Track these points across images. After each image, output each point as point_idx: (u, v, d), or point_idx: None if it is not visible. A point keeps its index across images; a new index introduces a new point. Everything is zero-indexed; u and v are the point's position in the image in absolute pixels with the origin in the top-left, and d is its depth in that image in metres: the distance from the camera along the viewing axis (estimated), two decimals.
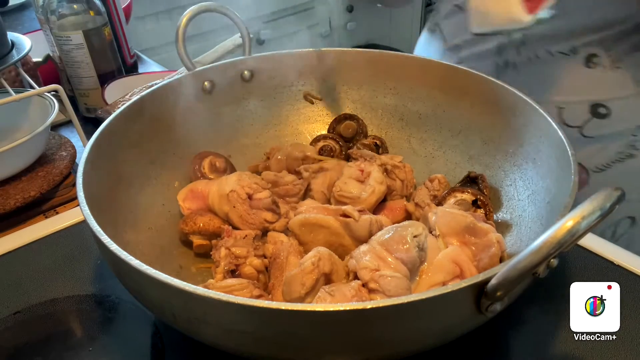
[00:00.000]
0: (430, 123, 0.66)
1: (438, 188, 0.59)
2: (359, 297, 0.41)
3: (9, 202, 0.64)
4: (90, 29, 0.83)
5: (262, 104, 0.70)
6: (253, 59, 0.67)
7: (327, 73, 0.70)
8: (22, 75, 0.78)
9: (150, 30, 2.05)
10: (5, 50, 0.68)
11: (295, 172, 0.63)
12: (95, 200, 0.45)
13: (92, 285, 0.55)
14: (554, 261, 0.33)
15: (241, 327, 0.35)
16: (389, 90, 0.68)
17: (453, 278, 0.45)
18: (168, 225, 0.58)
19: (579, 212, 0.31)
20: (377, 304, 0.32)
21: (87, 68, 0.85)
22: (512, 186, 0.56)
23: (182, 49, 0.63)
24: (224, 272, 0.50)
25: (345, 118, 0.69)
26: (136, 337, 0.50)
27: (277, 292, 0.48)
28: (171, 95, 0.62)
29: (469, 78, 0.61)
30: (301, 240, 0.52)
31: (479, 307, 0.35)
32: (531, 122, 0.54)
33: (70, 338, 0.51)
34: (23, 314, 0.52)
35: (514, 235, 0.52)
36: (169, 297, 0.36)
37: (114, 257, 0.37)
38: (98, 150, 0.50)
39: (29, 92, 0.68)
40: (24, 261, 0.60)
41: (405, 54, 0.66)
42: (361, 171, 0.59)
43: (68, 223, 0.64)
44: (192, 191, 0.59)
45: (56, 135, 0.77)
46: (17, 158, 0.66)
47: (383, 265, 0.43)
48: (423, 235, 0.46)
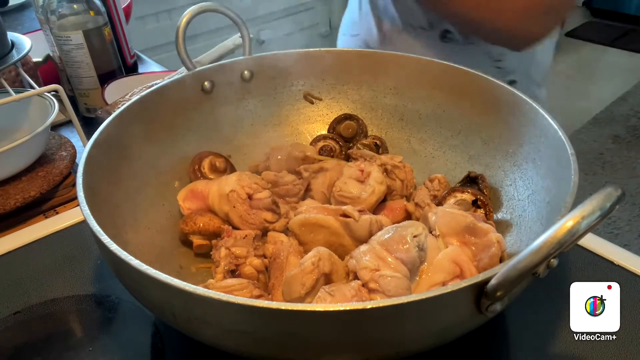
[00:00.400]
0: (430, 123, 0.66)
1: (438, 188, 0.59)
2: (359, 297, 0.41)
3: (9, 202, 0.64)
4: (90, 29, 0.83)
5: (262, 104, 0.70)
6: (253, 59, 0.67)
7: (327, 73, 0.70)
8: (22, 75, 0.78)
9: (150, 30, 2.05)
10: (5, 50, 0.68)
11: (295, 172, 0.63)
12: (95, 200, 0.45)
13: (92, 285, 0.55)
14: (554, 261, 0.33)
15: (241, 327, 0.35)
16: (389, 90, 0.68)
17: (453, 278, 0.45)
18: (168, 225, 0.58)
19: (579, 212, 0.31)
20: (377, 304, 0.32)
21: (87, 68, 0.85)
22: (512, 186, 0.56)
23: (182, 49, 0.63)
24: (224, 272, 0.50)
25: (345, 118, 0.69)
26: (136, 337, 0.50)
27: (277, 292, 0.48)
28: (171, 95, 0.62)
29: (469, 78, 0.61)
30: (301, 240, 0.52)
31: (479, 307, 0.35)
32: (531, 122, 0.54)
33: (70, 338, 0.51)
34: (23, 314, 0.52)
35: (514, 235, 0.52)
36: (169, 297, 0.36)
37: (114, 257, 0.37)
38: (98, 150, 0.50)
39: (29, 92, 0.68)
40: (24, 261, 0.60)
41: (405, 54, 0.66)
42: (361, 171, 0.59)
43: (68, 223, 0.64)
44: (192, 191, 0.59)
45: (56, 135, 0.77)
46: (17, 158, 0.66)
47: (383, 265, 0.43)
48: (423, 235, 0.46)
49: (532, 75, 0.83)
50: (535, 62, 0.83)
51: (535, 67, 0.83)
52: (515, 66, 0.80)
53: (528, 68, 0.82)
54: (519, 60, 0.80)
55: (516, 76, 0.81)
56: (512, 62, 0.80)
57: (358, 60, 0.68)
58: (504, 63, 0.80)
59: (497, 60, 0.79)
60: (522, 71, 0.81)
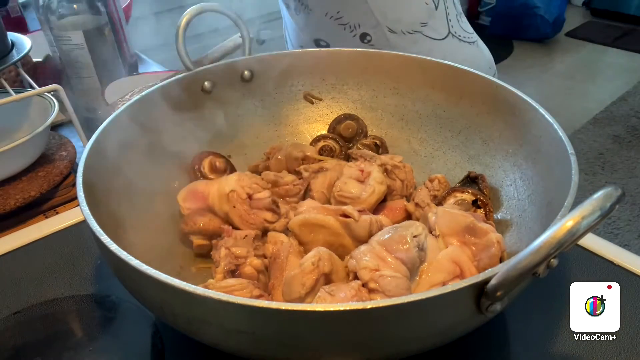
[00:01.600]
0: (430, 123, 0.66)
1: (438, 188, 0.59)
2: (359, 297, 0.41)
3: (9, 202, 0.64)
4: (90, 29, 0.83)
5: (262, 104, 0.70)
6: (253, 59, 0.67)
7: (327, 73, 0.70)
8: (22, 75, 0.78)
9: (150, 30, 2.04)
10: (5, 50, 0.68)
11: (295, 172, 0.63)
12: (95, 200, 0.45)
13: (92, 285, 0.55)
14: (554, 261, 0.33)
15: (241, 327, 0.35)
16: (389, 90, 0.68)
17: (453, 278, 0.45)
18: (168, 225, 0.57)
19: (578, 212, 0.31)
20: (377, 304, 0.32)
21: (87, 68, 0.85)
22: (512, 186, 0.56)
23: (182, 49, 0.63)
24: (224, 272, 0.50)
25: (345, 118, 0.69)
26: (136, 337, 0.50)
27: (277, 292, 0.48)
28: (171, 95, 0.62)
29: (469, 78, 0.61)
30: (301, 241, 0.52)
31: (479, 307, 0.35)
32: (531, 122, 0.54)
33: (70, 338, 0.51)
34: (23, 314, 0.52)
35: (514, 235, 0.52)
36: (169, 297, 0.36)
37: (114, 257, 0.37)
38: (98, 150, 0.50)
39: (29, 92, 0.68)
40: (24, 261, 0.60)
41: (405, 54, 0.66)
42: (361, 171, 0.59)
43: (68, 223, 0.64)
44: (192, 191, 0.58)
45: (56, 135, 0.77)
46: (17, 158, 0.66)
47: (383, 265, 0.43)
48: (423, 235, 0.46)
49: (383, 23, 0.83)
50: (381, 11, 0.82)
51: (382, 15, 0.82)
52: (358, 19, 0.82)
53: (374, 19, 0.82)
54: (360, 13, 0.81)
55: (366, 29, 0.82)
56: (352, 15, 0.82)
57: (358, 60, 0.69)
58: (345, 19, 0.82)
59: (338, 18, 0.82)
60: (370, 23, 0.82)
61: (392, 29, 0.83)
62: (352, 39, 0.83)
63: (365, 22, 0.81)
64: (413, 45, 0.83)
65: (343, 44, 0.83)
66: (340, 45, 0.82)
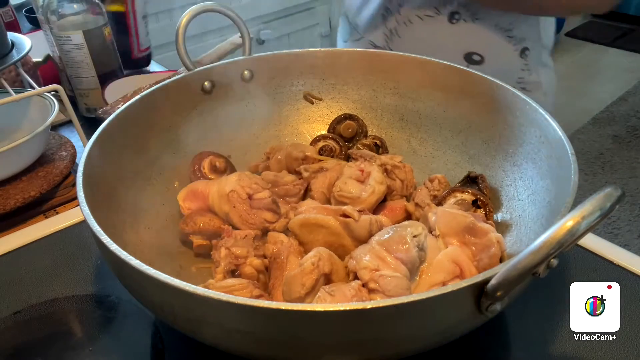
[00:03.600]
0: (430, 123, 0.66)
1: (438, 188, 0.59)
2: (359, 297, 0.41)
3: (9, 202, 0.64)
4: (90, 29, 0.83)
5: (262, 104, 0.70)
6: (253, 59, 0.67)
7: (327, 73, 0.70)
8: (22, 75, 0.78)
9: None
10: (5, 50, 0.68)
11: (295, 172, 0.63)
12: (95, 200, 0.45)
13: (92, 285, 0.55)
14: (554, 261, 0.33)
15: (241, 327, 0.35)
16: (389, 90, 0.68)
17: (453, 278, 0.45)
18: (168, 225, 0.57)
19: (578, 212, 0.31)
20: (377, 304, 0.32)
21: (87, 68, 0.85)
22: (512, 186, 0.56)
23: (182, 49, 0.63)
24: (224, 272, 0.50)
25: (345, 118, 0.69)
26: (136, 337, 0.50)
27: (277, 292, 0.48)
28: (171, 95, 0.62)
29: (469, 78, 0.61)
30: (301, 241, 0.52)
31: (479, 307, 0.35)
32: (531, 122, 0.54)
33: (70, 338, 0.51)
34: (23, 314, 0.52)
35: (514, 235, 0.52)
36: (169, 297, 0.36)
37: (114, 257, 0.37)
38: (98, 150, 0.50)
39: (29, 92, 0.68)
40: (24, 261, 0.60)
41: (405, 54, 0.66)
42: (361, 171, 0.59)
43: (68, 223, 0.64)
44: (192, 191, 0.59)
45: (56, 135, 0.77)
46: (17, 158, 0.66)
47: (383, 265, 0.43)
48: (423, 235, 0.46)
49: (543, 40, 0.84)
50: (543, 27, 0.84)
51: (544, 31, 0.84)
52: (525, 33, 0.81)
53: (538, 34, 0.83)
54: (528, 26, 0.81)
55: (528, 43, 0.82)
56: (522, 29, 0.81)
57: (358, 60, 0.68)
58: (514, 32, 0.80)
59: (508, 30, 0.80)
60: (533, 38, 0.82)
61: (546, 46, 0.86)
62: (513, 53, 0.81)
63: (530, 36, 0.81)
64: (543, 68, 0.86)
65: (501, 58, 0.81)
66: (497, 60, 0.81)
